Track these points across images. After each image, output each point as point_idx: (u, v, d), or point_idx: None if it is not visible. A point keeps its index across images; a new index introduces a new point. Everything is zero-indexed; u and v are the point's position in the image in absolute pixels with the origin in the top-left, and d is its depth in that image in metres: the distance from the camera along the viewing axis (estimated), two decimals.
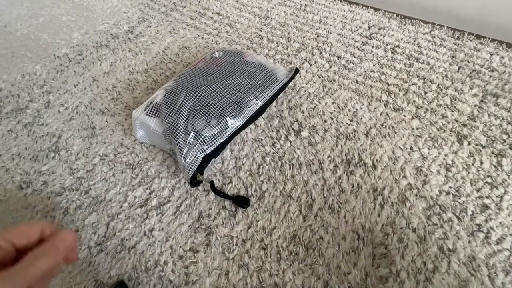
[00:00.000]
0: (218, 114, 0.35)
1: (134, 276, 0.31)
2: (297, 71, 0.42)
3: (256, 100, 0.37)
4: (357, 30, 0.55)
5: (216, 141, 0.34)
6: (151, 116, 0.36)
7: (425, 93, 0.43)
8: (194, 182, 0.30)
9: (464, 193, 0.34)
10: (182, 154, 0.33)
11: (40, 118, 0.45)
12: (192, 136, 0.33)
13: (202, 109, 0.35)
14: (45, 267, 0.22)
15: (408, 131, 0.39)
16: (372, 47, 0.51)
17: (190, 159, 0.33)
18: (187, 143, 0.33)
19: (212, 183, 0.35)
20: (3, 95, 0.50)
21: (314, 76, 0.47)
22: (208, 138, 0.34)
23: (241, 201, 0.34)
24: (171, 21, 0.61)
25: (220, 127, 0.34)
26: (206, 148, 0.33)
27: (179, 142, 0.33)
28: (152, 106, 0.36)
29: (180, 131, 0.34)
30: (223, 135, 0.34)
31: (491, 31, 0.51)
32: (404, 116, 0.41)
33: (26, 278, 0.20)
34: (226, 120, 0.35)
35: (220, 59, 0.42)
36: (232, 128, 0.35)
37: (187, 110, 0.35)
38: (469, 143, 0.38)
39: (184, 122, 0.34)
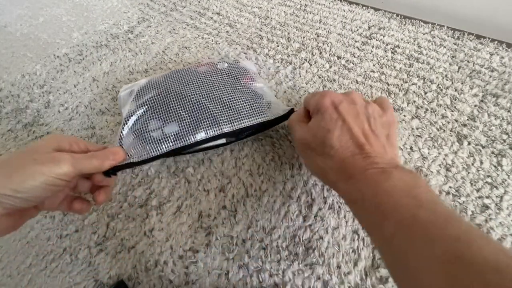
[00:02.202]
0: (174, 123, 0.33)
1: (134, 276, 0.31)
2: (291, 112, 0.36)
3: (219, 127, 0.34)
4: (357, 30, 0.55)
5: (150, 151, 0.32)
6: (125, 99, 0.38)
7: (425, 93, 0.43)
8: (108, 172, 0.30)
9: (464, 193, 0.34)
10: (121, 143, 0.33)
11: (40, 118, 0.45)
12: (133, 133, 0.33)
13: (162, 112, 0.34)
14: (92, 166, 0.27)
15: (408, 131, 0.39)
16: (372, 47, 0.51)
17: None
18: (123, 136, 0.33)
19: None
20: (3, 95, 0.50)
21: (314, 76, 0.47)
22: (144, 143, 0.32)
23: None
24: (171, 21, 0.61)
25: (165, 137, 0.32)
26: (133, 154, 0.32)
27: (121, 132, 0.33)
28: (130, 90, 0.39)
29: (129, 124, 0.34)
30: (160, 148, 0.32)
31: (491, 31, 0.51)
32: (404, 116, 0.41)
33: (81, 165, 0.26)
34: (182, 134, 0.33)
35: (222, 71, 0.40)
36: (175, 142, 0.32)
37: (146, 107, 0.35)
38: (469, 143, 0.38)
39: (136, 117, 0.34)
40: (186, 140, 0.33)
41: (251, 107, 0.36)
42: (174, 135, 0.33)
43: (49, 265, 0.33)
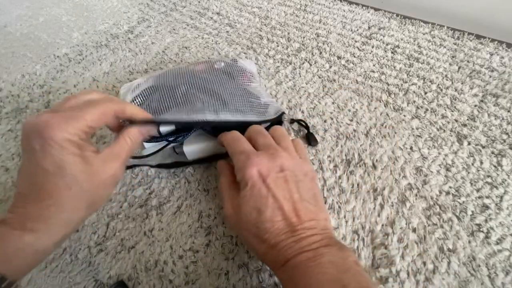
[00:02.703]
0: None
1: (134, 276, 0.31)
2: (281, 116, 0.38)
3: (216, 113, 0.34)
4: (357, 30, 0.55)
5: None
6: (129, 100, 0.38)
7: (425, 93, 0.43)
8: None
9: (464, 193, 0.34)
10: None
11: None
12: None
13: (155, 106, 0.34)
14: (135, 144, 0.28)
15: (408, 131, 0.39)
16: (372, 47, 0.51)
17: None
18: None
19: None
20: (3, 95, 0.50)
21: (314, 76, 0.47)
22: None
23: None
24: (171, 21, 0.61)
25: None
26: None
27: None
28: (128, 88, 0.39)
29: None
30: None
31: (491, 31, 0.51)
32: (404, 116, 0.41)
33: (124, 154, 0.27)
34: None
35: (218, 70, 0.40)
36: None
37: (139, 101, 0.35)
38: (469, 143, 0.38)
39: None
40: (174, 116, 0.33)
41: (243, 104, 0.36)
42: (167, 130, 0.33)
43: (49, 265, 0.33)
